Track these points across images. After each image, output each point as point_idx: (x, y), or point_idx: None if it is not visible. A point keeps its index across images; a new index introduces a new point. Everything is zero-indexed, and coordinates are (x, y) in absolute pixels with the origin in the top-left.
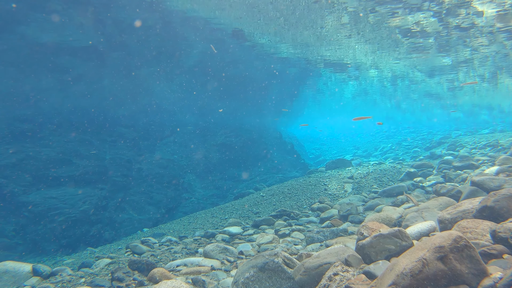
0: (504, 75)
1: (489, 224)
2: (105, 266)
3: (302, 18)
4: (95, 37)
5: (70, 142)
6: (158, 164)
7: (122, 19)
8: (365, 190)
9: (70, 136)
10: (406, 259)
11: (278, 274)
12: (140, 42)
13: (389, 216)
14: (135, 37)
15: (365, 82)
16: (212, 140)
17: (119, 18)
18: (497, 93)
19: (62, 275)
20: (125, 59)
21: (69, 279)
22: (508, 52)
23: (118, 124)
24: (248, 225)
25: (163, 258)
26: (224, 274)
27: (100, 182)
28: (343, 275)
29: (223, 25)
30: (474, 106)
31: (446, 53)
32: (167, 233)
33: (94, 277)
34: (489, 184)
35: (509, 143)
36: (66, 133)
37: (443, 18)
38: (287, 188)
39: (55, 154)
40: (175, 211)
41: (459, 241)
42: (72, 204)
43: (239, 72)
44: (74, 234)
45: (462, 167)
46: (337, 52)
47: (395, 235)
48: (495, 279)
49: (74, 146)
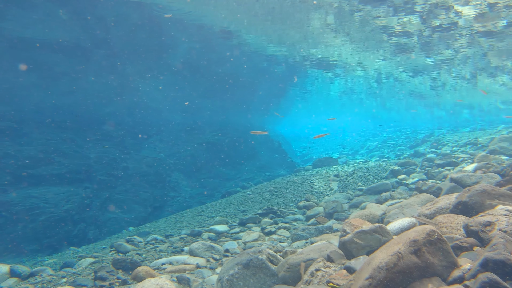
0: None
1: (463, 219)
2: (88, 265)
3: (289, 16)
4: (78, 33)
5: (52, 140)
6: (144, 163)
7: (105, 15)
8: (351, 188)
9: (53, 134)
10: (382, 253)
11: (262, 271)
12: (125, 39)
13: (373, 213)
14: (120, 34)
15: (351, 81)
16: (199, 138)
17: (103, 14)
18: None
19: (42, 275)
20: (110, 56)
21: (49, 279)
22: (486, 52)
23: (104, 122)
24: (234, 223)
25: (148, 256)
26: (209, 271)
27: (84, 181)
28: (325, 271)
29: (210, 23)
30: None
31: (428, 52)
32: (153, 231)
33: (77, 276)
34: (467, 181)
35: (487, 141)
36: (49, 131)
37: (425, 19)
38: (274, 186)
39: (36, 153)
40: (162, 210)
41: (432, 234)
42: (55, 203)
43: (226, 70)
44: (56, 233)
45: (444, 164)
46: (323, 50)
47: (376, 231)
48: (464, 270)
49: (56, 144)
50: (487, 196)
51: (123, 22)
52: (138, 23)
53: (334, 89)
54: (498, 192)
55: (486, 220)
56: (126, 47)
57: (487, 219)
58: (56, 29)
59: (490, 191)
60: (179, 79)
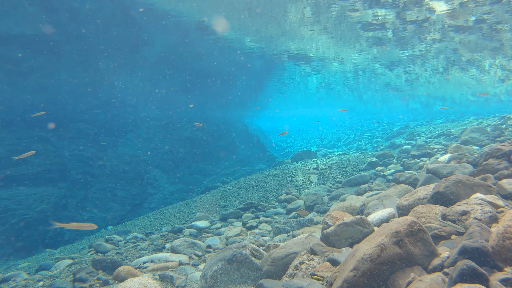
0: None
1: (440, 209)
2: (66, 267)
3: (266, 10)
4: (46, 27)
5: (23, 139)
6: (121, 160)
7: (76, 7)
8: (330, 180)
9: (23, 133)
10: (366, 245)
11: (246, 265)
12: (98, 33)
13: (353, 205)
14: (93, 28)
15: (328, 74)
16: (177, 134)
17: (73, 6)
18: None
19: (16, 280)
20: (83, 51)
21: (24, 284)
22: (457, 47)
23: (77, 120)
24: (215, 219)
25: (129, 255)
26: (192, 268)
27: (59, 181)
28: (309, 264)
29: (186, 17)
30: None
31: (403, 46)
32: (133, 230)
33: (54, 279)
34: (441, 171)
35: (459, 132)
36: (19, 129)
37: (400, 13)
38: (254, 180)
39: (5, 153)
40: (141, 208)
41: (414, 225)
42: (28, 204)
43: (204, 65)
44: (30, 236)
45: (419, 155)
46: (300, 44)
47: (358, 223)
48: (443, 258)
49: (28, 144)
50: (463, 186)
51: (96, 15)
52: (112, 17)
53: (312, 83)
54: (473, 182)
55: (462, 210)
56: (99, 41)
57: (463, 208)
58: (23, 22)
59: (465, 181)
60: (155, 74)
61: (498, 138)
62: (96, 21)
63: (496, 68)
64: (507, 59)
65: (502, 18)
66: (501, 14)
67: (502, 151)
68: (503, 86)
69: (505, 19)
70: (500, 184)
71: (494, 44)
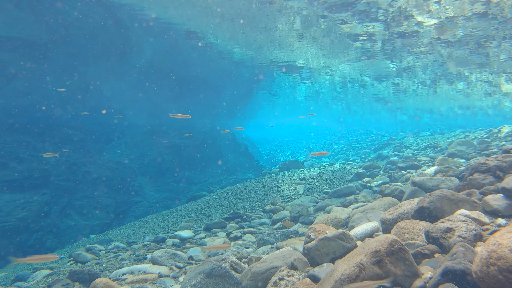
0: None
1: (424, 225)
2: (43, 278)
3: (256, 20)
4: (33, 30)
5: (5, 144)
6: (106, 167)
7: (65, 11)
8: (317, 191)
9: (6, 137)
10: (344, 264)
11: (225, 279)
12: (86, 37)
13: (338, 217)
14: (81, 32)
15: (317, 85)
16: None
17: (61, 10)
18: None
19: None
20: (70, 55)
21: None
22: (445, 60)
23: (63, 125)
24: (200, 229)
25: (109, 266)
26: (172, 281)
27: (41, 187)
28: (288, 280)
29: (175, 25)
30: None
31: (392, 59)
32: (115, 239)
33: None
34: (427, 184)
35: (446, 145)
36: (1, 134)
37: (389, 27)
38: (240, 190)
39: None
40: (125, 216)
41: (394, 244)
42: (8, 211)
43: (192, 73)
44: (9, 244)
45: (406, 167)
46: (290, 55)
47: (340, 237)
48: (426, 279)
49: (10, 149)
50: (447, 202)
51: (84, 20)
52: (100, 22)
53: (301, 93)
54: (458, 198)
55: (446, 227)
56: (88, 46)
57: (447, 226)
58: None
59: (450, 196)
60: (143, 81)
61: (485, 152)
62: (84, 26)
63: (482, 82)
64: (493, 74)
65: (489, 33)
66: (488, 29)
67: (488, 165)
68: (489, 100)
69: (492, 35)
70: (486, 200)
71: (480, 59)
